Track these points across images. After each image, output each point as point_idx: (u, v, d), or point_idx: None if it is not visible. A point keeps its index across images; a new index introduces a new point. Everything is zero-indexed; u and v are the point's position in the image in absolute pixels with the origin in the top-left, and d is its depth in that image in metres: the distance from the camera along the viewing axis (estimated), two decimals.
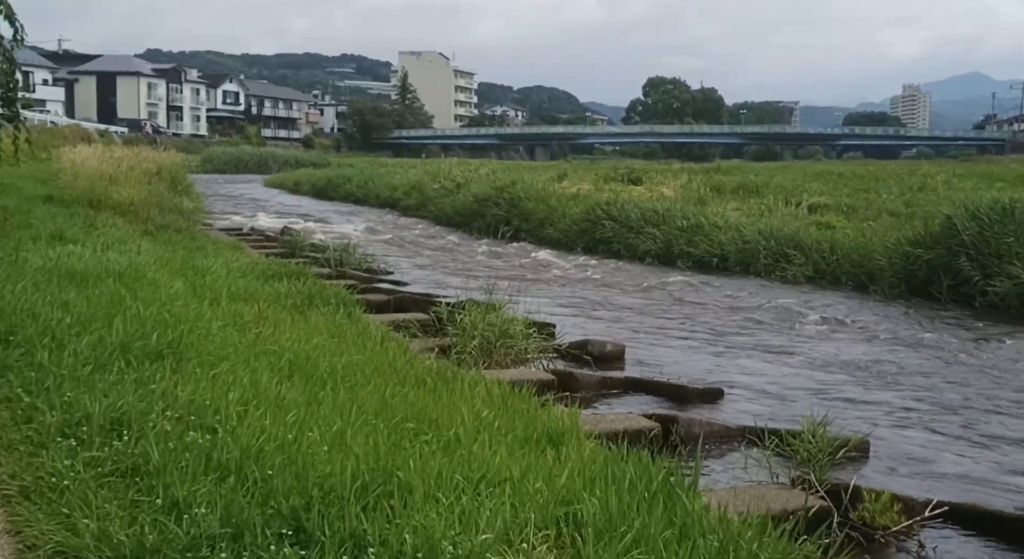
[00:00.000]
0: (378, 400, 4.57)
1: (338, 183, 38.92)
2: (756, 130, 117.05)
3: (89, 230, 11.83)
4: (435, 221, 27.00)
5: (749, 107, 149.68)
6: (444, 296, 12.50)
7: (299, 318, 7.12)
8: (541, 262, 18.25)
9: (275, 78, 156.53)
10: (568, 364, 7.98)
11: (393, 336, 7.43)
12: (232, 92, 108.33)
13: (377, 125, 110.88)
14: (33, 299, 6.12)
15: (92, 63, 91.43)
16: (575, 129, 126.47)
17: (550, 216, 21.68)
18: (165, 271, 8.55)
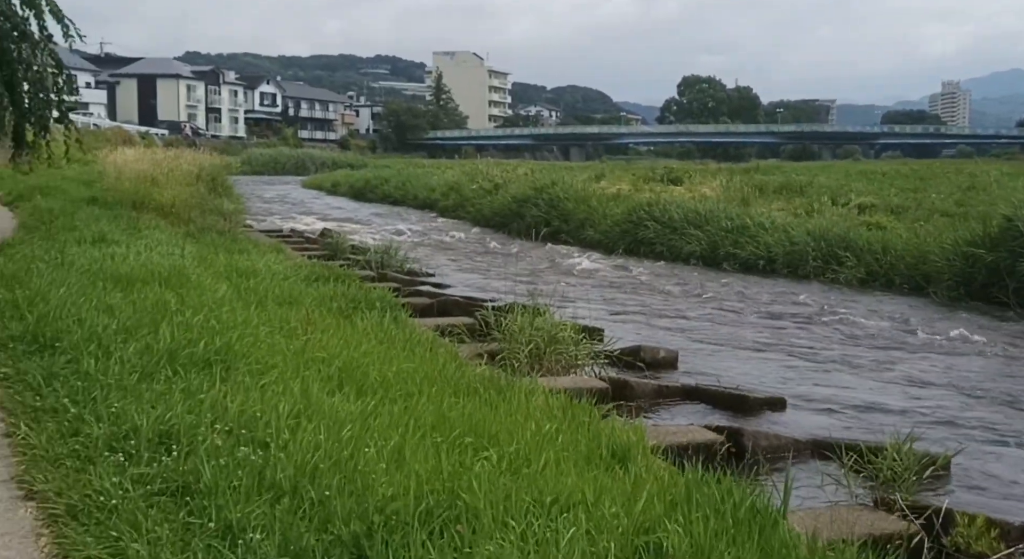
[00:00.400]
0: (434, 413, 4.34)
1: (376, 184, 38.95)
2: (793, 129, 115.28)
3: (132, 232, 11.80)
4: (473, 222, 26.84)
5: (785, 106, 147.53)
6: (487, 299, 12.30)
7: (345, 323, 6.93)
8: (582, 264, 17.96)
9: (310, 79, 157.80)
10: (621, 371, 7.70)
11: (441, 342, 7.22)
12: (269, 94, 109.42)
13: (412, 126, 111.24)
14: (78, 303, 6.01)
15: (133, 66, 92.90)
16: (610, 129, 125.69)
17: (591, 217, 21.38)
18: (209, 273, 8.43)
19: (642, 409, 6.87)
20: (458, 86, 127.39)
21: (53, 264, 7.86)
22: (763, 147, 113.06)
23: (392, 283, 12.66)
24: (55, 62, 12.01)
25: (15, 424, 4.05)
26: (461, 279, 14.94)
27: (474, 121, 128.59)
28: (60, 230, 11.29)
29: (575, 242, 20.82)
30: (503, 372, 6.48)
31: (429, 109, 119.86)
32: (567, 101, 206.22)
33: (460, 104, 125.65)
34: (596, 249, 19.68)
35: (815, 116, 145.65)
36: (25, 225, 13.51)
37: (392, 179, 38.59)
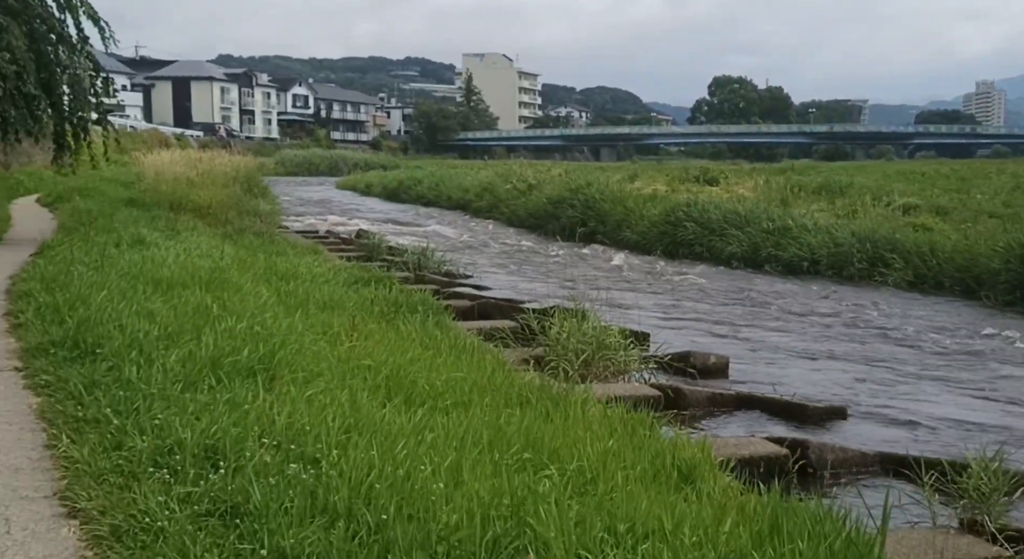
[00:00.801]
0: (489, 426, 4.12)
1: (409, 185, 38.91)
2: (825, 129, 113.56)
3: (171, 234, 11.75)
4: (507, 223, 26.61)
5: (817, 106, 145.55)
6: (527, 301, 12.08)
7: (389, 328, 6.74)
8: (620, 265, 17.66)
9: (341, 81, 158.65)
10: (671, 378, 7.43)
11: (486, 347, 7.00)
12: (302, 96, 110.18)
13: (443, 127, 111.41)
14: (119, 308, 5.89)
15: (167, 69, 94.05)
16: (641, 130, 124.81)
17: (627, 218, 21.05)
18: (249, 276, 8.29)
19: (696, 418, 6.61)
20: (488, 87, 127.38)
21: (93, 267, 7.77)
22: (795, 147, 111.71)
23: (430, 285, 12.48)
24: (93, 64, 12.01)
25: (56, 435, 3.90)
26: (499, 281, 14.73)
27: (504, 122, 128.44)
28: (99, 232, 11.26)
29: (612, 243, 20.52)
30: (552, 380, 6.26)
31: (460, 110, 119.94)
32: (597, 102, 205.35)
33: (490, 105, 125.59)
34: (633, 250, 19.37)
35: (847, 116, 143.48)
36: (64, 226, 13.56)
37: (425, 180, 38.52)
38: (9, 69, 9.99)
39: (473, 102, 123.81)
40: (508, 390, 5.40)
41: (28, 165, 24.51)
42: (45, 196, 19.71)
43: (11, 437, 3.97)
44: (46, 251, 9.81)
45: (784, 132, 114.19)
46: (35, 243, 12.03)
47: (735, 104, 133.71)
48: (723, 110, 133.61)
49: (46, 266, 8.27)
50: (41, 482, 3.47)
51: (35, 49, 10.68)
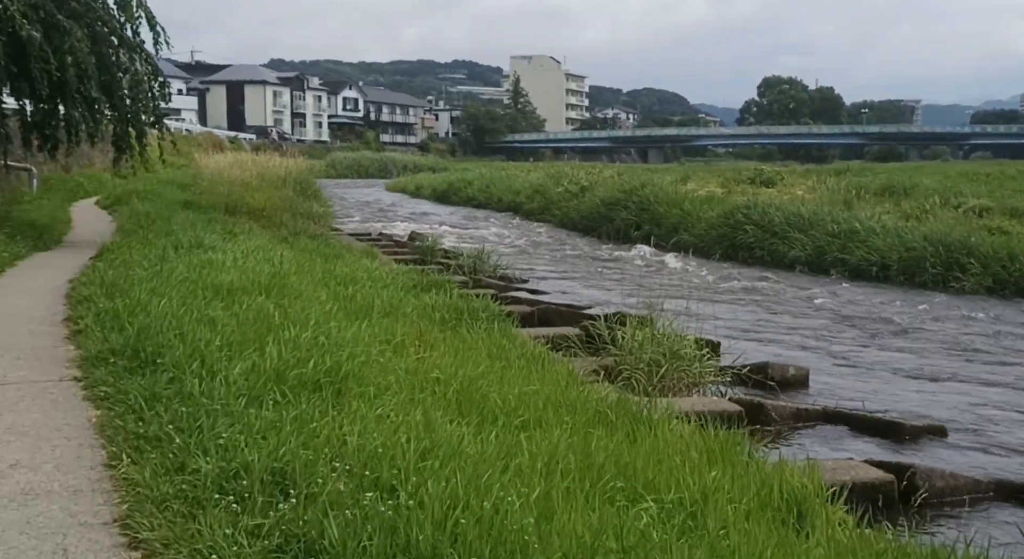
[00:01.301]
0: (576, 450, 3.78)
1: (459, 187, 38.77)
2: (878, 130, 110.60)
3: (228, 236, 11.66)
4: (559, 225, 26.24)
5: (869, 106, 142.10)
6: (587, 307, 11.72)
7: (453, 336, 6.45)
8: (679, 269, 17.19)
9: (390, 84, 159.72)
10: (748, 391, 7.01)
11: (554, 357, 6.67)
12: (352, 98, 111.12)
13: (490, 129, 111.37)
14: (179, 315, 5.69)
15: (221, 73, 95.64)
16: (688, 131, 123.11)
17: (684, 220, 20.54)
18: (308, 281, 8.09)
19: (780, 435, 6.19)
20: (536, 89, 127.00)
21: (152, 271, 7.64)
22: (846, 148, 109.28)
23: (487, 289, 12.18)
24: (152, 67, 11.98)
25: (116, 454, 3.67)
26: (555, 285, 14.39)
27: (551, 124, 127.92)
28: (157, 234, 11.21)
29: (668, 246, 20.01)
30: (627, 393, 5.91)
31: (507, 112, 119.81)
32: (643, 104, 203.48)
33: (538, 107, 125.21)
34: (690, 254, 18.81)
35: (899, 117, 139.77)
36: (123, 228, 13.60)
37: (475, 182, 38.33)
38: (71, 72, 9.97)
39: (520, 104, 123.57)
40: (584, 406, 5.07)
41: (88, 168, 24.89)
42: (104, 199, 19.92)
43: (70, 454, 3.76)
44: (105, 254, 9.76)
45: (837, 133, 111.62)
46: (94, 245, 12.05)
47: (785, 105, 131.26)
48: (772, 111, 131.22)
49: (105, 270, 8.17)
50: (100, 507, 3.24)
51: (96, 51, 10.66)
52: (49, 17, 9.84)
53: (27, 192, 17.43)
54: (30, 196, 16.98)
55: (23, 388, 4.74)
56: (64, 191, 20.11)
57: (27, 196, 16.89)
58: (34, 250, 11.15)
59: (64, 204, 17.86)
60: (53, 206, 16.50)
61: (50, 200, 17.34)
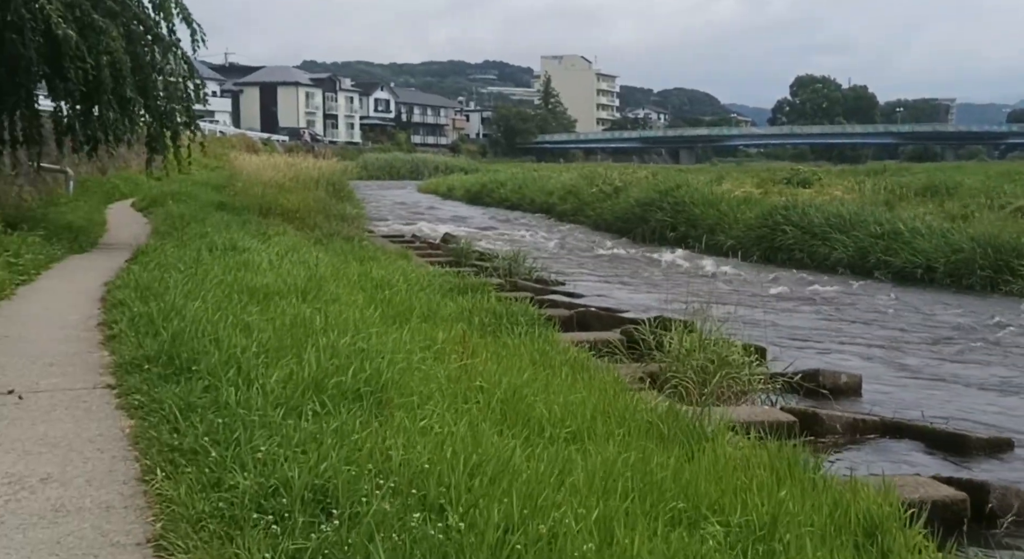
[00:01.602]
0: (633, 467, 3.55)
1: (491, 188, 38.63)
2: (912, 129, 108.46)
3: (262, 238, 11.57)
4: (593, 227, 25.97)
5: (903, 105, 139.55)
6: (626, 311, 11.46)
7: (493, 342, 6.25)
8: (716, 272, 16.84)
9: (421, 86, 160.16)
10: (801, 400, 6.72)
11: (598, 364, 6.44)
12: (383, 100, 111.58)
13: (521, 130, 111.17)
14: (214, 320, 5.55)
15: (255, 75, 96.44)
16: (720, 131, 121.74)
17: (721, 222, 20.17)
18: (343, 284, 7.94)
19: (836, 447, 5.90)
20: (566, 89, 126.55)
21: (187, 274, 7.53)
22: (879, 148, 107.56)
23: (524, 292, 12.01)
24: (187, 66, 11.93)
25: (151, 468, 3.51)
26: (592, 288, 14.14)
27: (582, 124, 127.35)
28: (192, 237, 11.16)
29: (704, 248, 19.65)
30: (676, 401, 5.67)
31: (538, 113, 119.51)
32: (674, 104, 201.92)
33: (568, 107, 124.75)
34: (727, 256, 18.43)
35: (934, 116, 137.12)
36: (158, 231, 13.59)
37: (508, 183, 38.16)
38: (106, 72, 9.93)
39: (551, 104, 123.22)
40: (633, 416, 4.84)
41: (124, 170, 25.09)
42: (139, 200, 20.03)
43: (103, 467, 3.61)
44: (140, 256, 9.70)
45: (871, 132, 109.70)
46: (130, 248, 12.02)
47: (818, 104, 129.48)
48: (805, 110, 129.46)
49: (140, 272, 8.09)
50: (133, 525, 3.07)
51: (131, 51, 10.63)
52: (85, 16, 9.81)
53: (63, 194, 17.55)
54: (66, 198, 17.09)
55: (55, 396, 4.62)
56: (100, 193, 20.24)
57: (63, 198, 17.00)
58: (70, 252, 11.14)
59: (100, 206, 17.95)
60: (89, 208, 16.58)
61: (86, 202, 17.44)
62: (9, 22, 9.15)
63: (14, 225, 10.98)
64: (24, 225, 11.22)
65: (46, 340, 6.01)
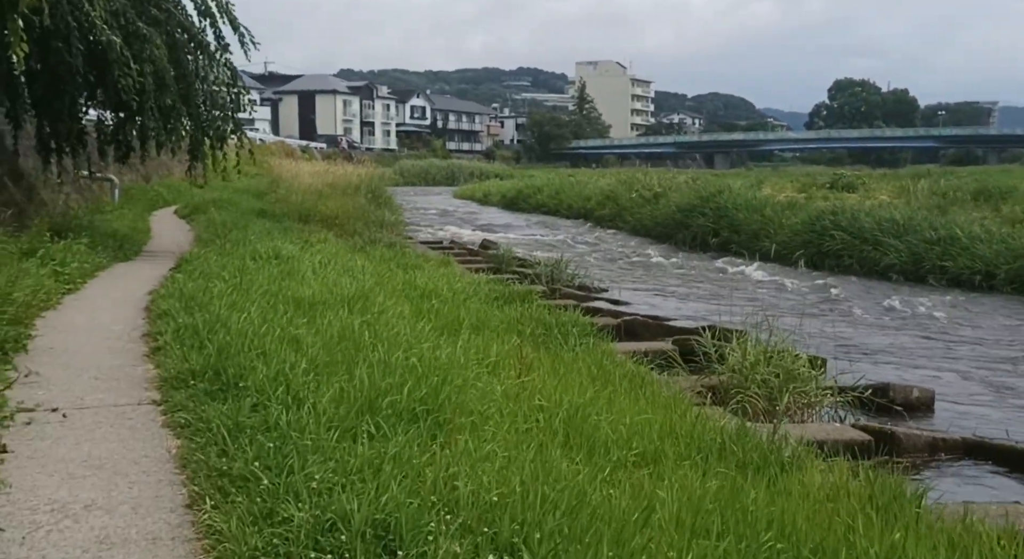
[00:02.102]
0: (720, 498, 3.26)
1: (528, 194, 38.37)
2: (953, 132, 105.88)
3: (304, 246, 11.44)
4: (632, 232, 25.59)
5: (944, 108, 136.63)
6: (673, 318, 11.12)
7: (547, 354, 5.98)
8: (764, 278, 16.41)
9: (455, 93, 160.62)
10: (872, 417, 6.35)
11: (658, 378, 6.14)
12: (419, 107, 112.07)
13: (555, 136, 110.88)
14: (261, 333, 5.35)
15: (293, 83, 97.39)
16: (756, 136, 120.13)
17: (765, 227, 19.68)
18: (388, 292, 7.73)
19: (916, 469, 5.53)
20: (601, 95, 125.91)
21: (232, 283, 7.37)
22: (918, 152, 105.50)
23: (567, 300, 11.73)
24: (231, 72, 11.84)
25: (199, 495, 3.30)
26: (635, 295, 13.81)
27: (616, 130, 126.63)
28: (235, 244, 11.05)
29: (748, 254, 19.19)
30: (743, 419, 5.35)
31: (572, 119, 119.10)
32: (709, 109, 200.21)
33: (603, 113, 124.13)
34: (772, 262, 17.96)
35: (975, 119, 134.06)
36: (201, 238, 13.56)
37: (544, 189, 37.89)
38: (150, 80, 9.86)
39: (586, 110, 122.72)
40: (702, 437, 4.54)
41: (167, 177, 25.29)
42: (182, 208, 20.12)
43: (149, 493, 3.41)
44: (184, 265, 9.60)
45: (912, 136, 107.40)
46: (173, 255, 11.97)
47: (856, 108, 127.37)
48: (843, 114, 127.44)
49: (184, 282, 7.96)
50: None
51: (174, 58, 10.56)
52: (130, 24, 9.75)
53: (109, 202, 17.65)
54: (111, 206, 17.18)
55: (100, 413, 4.44)
56: (144, 201, 20.38)
57: (109, 206, 17.09)
58: (115, 260, 11.11)
59: (144, 214, 18.04)
60: (133, 216, 16.65)
61: (131, 210, 17.53)
62: (54, 30, 9.12)
63: (61, 233, 10.98)
64: (70, 233, 11.23)
65: (91, 352, 5.87)
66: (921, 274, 15.46)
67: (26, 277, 7.41)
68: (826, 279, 15.68)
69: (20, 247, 8.99)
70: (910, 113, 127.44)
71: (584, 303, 11.48)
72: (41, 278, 7.88)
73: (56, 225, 11.55)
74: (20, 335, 5.86)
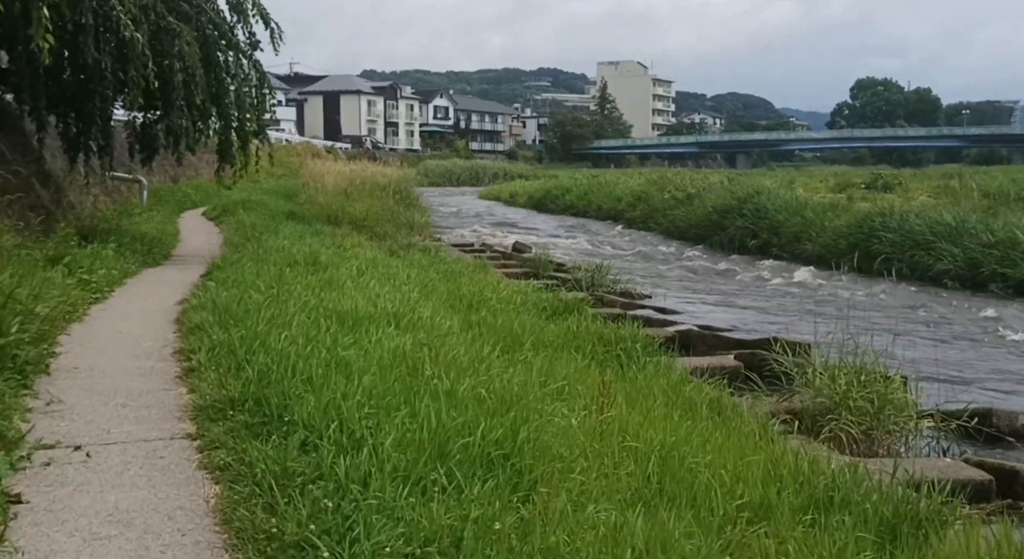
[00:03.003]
0: None
1: (556, 194, 37.74)
2: (978, 132, 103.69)
3: (339, 251, 10.95)
4: (665, 234, 24.90)
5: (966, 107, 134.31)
6: (728, 329, 10.50)
7: (618, 379, 5.41)
8: (807, 283, 15.70)
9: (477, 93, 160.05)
10: (980, 448, 5.71)
11: (738, 403, 5.56)
12: (442, 107, 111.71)
13: (577, 136, 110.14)
14: (305, 353, 4.83)
15: (318, 84, 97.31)
16: (778, 135, 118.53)
17: (806, 229, 18.91)
18: (434, 303, 7.20)
19: None
20: (622, 95, 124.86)
21: (268, 294, 6.86)
22: (940, 152, 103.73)
23: (611, 308, 11.17)
24: (259, 73, 11.35)
25: None
26: (681, 302, 13.18)
27: (638, 130, 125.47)
28: (268, 250, 10.58)
29: (789, 256, 18.50)
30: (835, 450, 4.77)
31: (594, 119, 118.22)
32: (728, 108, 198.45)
33: (624, 113, 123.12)
34: (815, 265, 17.29)
35: (997, 118, 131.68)
36: (231, 242, 13.13)
37: (573, 189, 37.25)
38: (179, 77, 9.40)
39: (607, 110, 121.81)
40: (811, 481, 3.95)
41: (194, 178, 24.98)
42: (210, 209, 19.75)
43: (184, 556, 2.88)
44: (215, 272, 9.13)
45: (934, 135, 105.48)
46: (203, 260, 11.53)
47: (878, 107, 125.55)
48: (865, 113, 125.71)
49: (217, 291, 7.47)
50: None
51: (204, 55, 10.09)
52: (160, 19, 9.28)
53: (137, 204, 17.31)
54: (139, 208, 16.84)
55: (128, 450, 3.93)
56: (172, 202, 20.04)
57: (137, 208, 16.74)
58: (143, 266, 10.69)
59: (172, 216, 17.68)
60: (162, 218, 16.28)
61: (159, 212, 17.18)
62: (81, 25, 8.67)
63: (88, 237, 10.59)
64: (98, 237, 10.84)
65: (118, 372, 5.38)
66: (979, 281, 14.69)
67: (51, 287, 6.95)
68: (878, 284, 14.94)
69: (46, 253, 8.57)
70: (933, 112, 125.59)
71: (629, 311, 10.90)
72: (67, 288, 7.44)
73: (84, 229, 11.16)
74: (43, 354, 5.38)
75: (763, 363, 7.01)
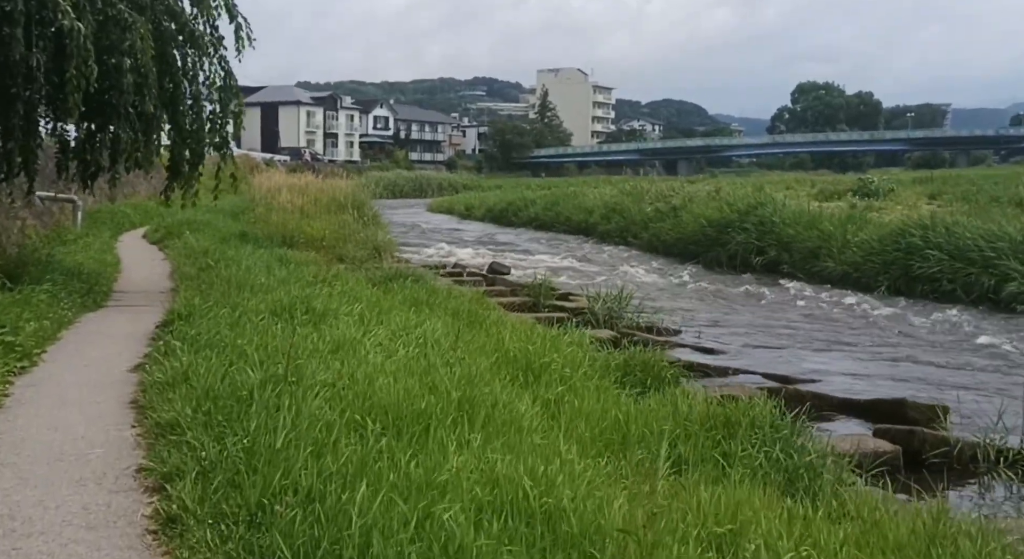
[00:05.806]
0: None
1: (519, 207, 35.93)
2: (922, 135, 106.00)
3: (324, 286, 8.94)
4: (646, 249, 23.23)
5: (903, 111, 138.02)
6: (801, 378, 8.86)
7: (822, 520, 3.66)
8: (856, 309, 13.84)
9: (411, 103, 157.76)
10: None
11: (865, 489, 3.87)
12: (382, 117, 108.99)
13: (517, 144, 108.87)
14: (357, 500, 2.94)
15: (256, 95, 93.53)
16: (720, 142, 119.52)
17: (825, 244, 17.27)
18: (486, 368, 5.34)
19: None
20: (563, 103, 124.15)
21: (267, 373, 4.89)
22: (879, 155, 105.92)
23: None
24: (224, 72, 9.29)
25: None
26: (716, 336, 11.49)
27: (578, 138, 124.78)
28: (235, 287, 8.57)
29: (804, 276, 16.86)
30: None
31: (534, 127, 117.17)
32: (662, 115, 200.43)
33: (564, 121, 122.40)
34: (841, 286, 15.75)
35: (931, 121, 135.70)
36: (183, 273, 11.05)
37: (538, 201, 35.48)
38: (128, 78, 7.35)
39: (548, 118, 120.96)
40: None
41: (132, 196, 22.51)
42: (152, 231, 17.46)
43: None
44: (179, 324, 7.10)
45: (876, 139, 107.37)
46: (152, 298, 9.46)
47: (819, 111, 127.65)
48: (806, 118, 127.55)
49: (191, 358, 5.51)
50: None
51: (160, 52, 8.04)
52: (108, 7, 7.20)
53: (71, 228, 14.98)
54: (74, 233, 14.54)
55: None
56: (110, 224, 17.71)
57: (71, 233, 14.45)
58: (82, 310, 8.59)
59: (111, 240, 15.41)
60: (100, 244, 14.05)
61: (96, 236, 14.91)
62: (7, 12, 6.59)
63: (15, 276, 8.47)
64: (28, 274, 8.75)
65: (52, 522, 3.42)
66: None
67: None
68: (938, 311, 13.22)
69: None
70: (874, 116, 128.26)
71: (669, 352, 9.17)
72: None
73: (11, 263, 9.05)
74: None
75: (922, 444, 5.36)
